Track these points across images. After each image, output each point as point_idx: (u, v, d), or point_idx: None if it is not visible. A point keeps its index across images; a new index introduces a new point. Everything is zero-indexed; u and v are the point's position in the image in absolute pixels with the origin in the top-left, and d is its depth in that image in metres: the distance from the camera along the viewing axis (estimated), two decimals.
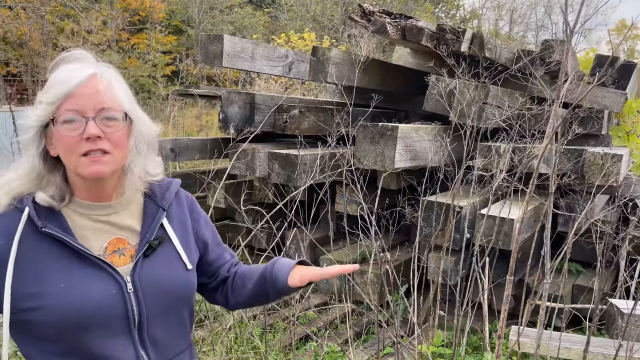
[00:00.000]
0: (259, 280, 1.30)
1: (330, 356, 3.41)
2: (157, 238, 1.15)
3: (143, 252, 1.12)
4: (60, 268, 1.04)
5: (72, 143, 1.04)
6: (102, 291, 1.05)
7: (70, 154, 1.05)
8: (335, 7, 19.07)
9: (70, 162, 1.06)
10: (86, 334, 1.03)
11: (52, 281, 1.03)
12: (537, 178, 2.29)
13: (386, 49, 15.00)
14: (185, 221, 1.25)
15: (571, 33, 2.16)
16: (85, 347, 1.04)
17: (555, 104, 2.21)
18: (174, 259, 1.18)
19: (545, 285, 2.47)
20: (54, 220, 1.06)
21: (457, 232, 3.59)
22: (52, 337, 1.03)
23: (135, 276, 1.10)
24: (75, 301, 1.02)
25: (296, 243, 4.72)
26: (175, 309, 1.17)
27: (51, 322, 1.01)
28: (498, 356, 2.63)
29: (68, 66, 1.08)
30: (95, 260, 1.07)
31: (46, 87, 1.06)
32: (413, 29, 4.38)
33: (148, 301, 1.10)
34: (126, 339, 1.08)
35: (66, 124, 1.04)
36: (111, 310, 1.05)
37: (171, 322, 1.17)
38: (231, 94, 5.12)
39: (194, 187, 5.41)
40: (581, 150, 3.89)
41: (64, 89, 1.04)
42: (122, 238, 1.13)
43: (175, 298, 1.17)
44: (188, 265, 1.19)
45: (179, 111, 11.29)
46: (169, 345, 1.16)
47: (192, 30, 19.62)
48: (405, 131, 3.79)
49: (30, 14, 13.70)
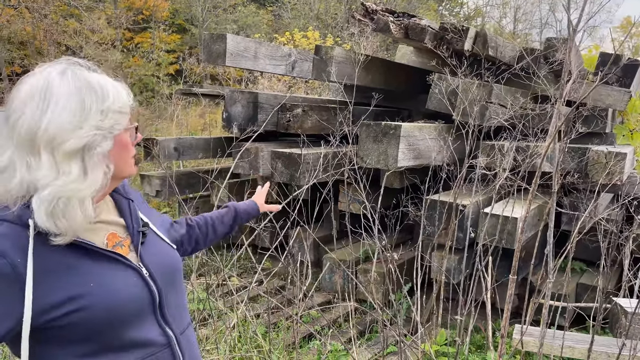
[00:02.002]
0: (232, 223, 1.73)
1: (334, 355, 3.42)
2: (143, 226, 1.24)
3: (140, 240, 1.21)
4: (80, 270, 1.06)
5: (131, 148, 1.16)
6: (127, 280, 1.12)
7: (127, 157, 1.15)
8: (339, 6, 19.06)
9: (127, 166, 1.15)
10: (121, 324, 1.08)
11: (80, 283, 1.04)
12: (540, 177, 2.28)
13: (389, 48, 14.98)
14: (147, 208, 1.36)
15: (574, 31, 2.16)
16: (118, 338, 1.08)
17: (558, 102, 2.20)
18: (160, 242, 1.30)
19: (548, 284, 2.47)
20: None
21: (461, 231, 3.58)
22: (86, 338, 1.05)
23: (145, 261, 1.18)
24: (109, 296, 1.06)
25: (299, 242, 4.73)
26: (177, 283, 1.29)
27: (90, 321, 1.04)
28: (501, 355, 2.63)
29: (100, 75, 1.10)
30: (109, 254, 1.11)
31: (109, 97, 1.06)
32: (416, 28, 4.38)
33: (160, 281, 1.19)
34: (152, 319, 1.16)
35: (130, 131, 1.14)
36: (139, 296, 1.13)
37: (177, 297, 1.27)
38: (234, 93, 5.13)
39: (197, 186, 5.42)
40: (585, 148, 3.88)
41: (125, 99, 1.12)
42: (114, 232, 1.18)
43: (175, 273, 1.28)
44: (172, 245, 1.34)
45: (182, 110, 11.31)
46: (181, 318, 1.27)
47: (196, 29, 19.64)
48: (408, 130, 3.78)
49: (35, 14, 13.73)
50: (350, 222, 3.53)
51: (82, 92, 1.03)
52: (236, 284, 4.20)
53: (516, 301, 3.90)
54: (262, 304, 4.23)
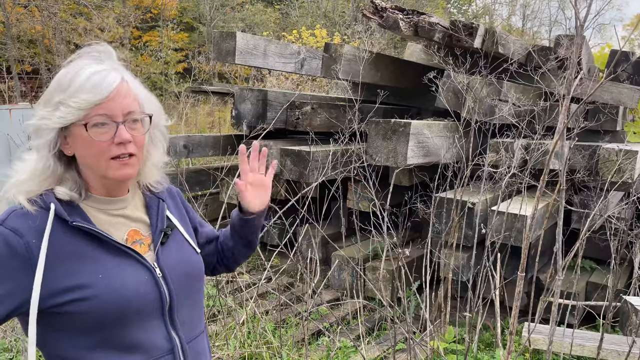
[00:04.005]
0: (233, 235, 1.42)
1: (343, 351, 3.43)
2: (168, 226, 1.22)
3: (160, 241, 1.19)
4: (93, 260, 1.07)
5: (103, 147, 1.07)
6: (137, 277, 1.10)
7: (99, 158, 1.07)
8: (347, 4, 19.03)
9: (99, 166, 1.09)
10: (124, 321, 1.07)
11: (88, 273, 1.05)
12: (548, 174, 2.28)
13: (398, 45, 14.95)
14: (181, 210, 1.33)
15: (582, 27, 2.15)
16: (122, 335, 1.08)
17: (567, 99, 2.20)
18: (184, 244, 1.26)
19: (558, 282, 2.47)
20: (77, 214, 1.09)
21: (470, 229, 3.58)
22: (90, 330, 1.06)
23: (160, 262, 1.16)
24: (115, 289, 1.06)
25: (308, 239, 4.74)
26: (194, 290, 1.25)
27: (93, 312, 1.04)
28: (510, 352, 2.63)
29: (90, 67, 1.07)
30: (125, 249, 1.11)
31: (68, 89, 1.05)
32: (425, 25, 4.37)
33: (174, 285, 1.16)
34: (159, 322, 1.13)
35: (96, 128, 1.06)
36: (147, 295, 1.10)
37: (192, 303, 1.23)
38: (244, 91, 5.15)
39: (207, 184, 5.45)
40: (595, 146, 3.86)
41: (96, 97, 1.05)
42: (136, 229, 1.18)
43: (194, 279, 1.24)
44: (197, 249, 1.28)
45: (191, 108, 11.36)
46: (192, 325, 1.23)
47: (204, 27, 19.69)
48: (417, 127, 3.78)
49: (44, 12, 13.83)
50: (359, 220, 3.54)
51: (56, 82, 1.08)
52: (245, 281, 4.23)
53: (525, 299, 3.89)
54: (271, 300, 4.25)
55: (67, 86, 1.06)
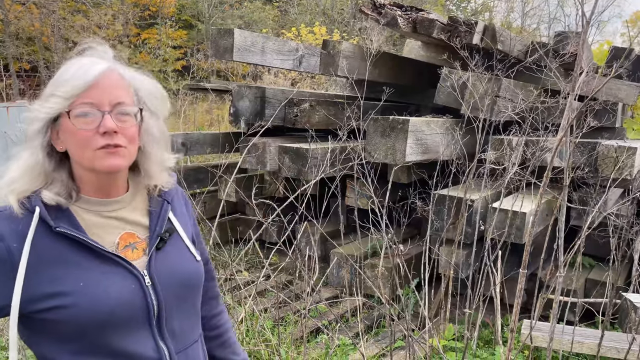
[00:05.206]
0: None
1: (342, 349, 3.42)
2: (166, 231, 1.16)
3: (155, 246, 1.13)
4: (77, 267, 1.03)
5: (88, 137, 1.02)
6: (121, 287, 1.05)
7: (84, 148, 1.03)
8: (345, 1, 19.00)
9: (84, 157, 1.04)
10: (108, 330, 1.03)
11: (71, 280, 1.02)
12: (550, 171, 2.27)
13: (397, 42, 14.92)
14: (185, 215, 1.26)
15: (587, 24, 2.14)
16: (106, 343, 1.03)
17: (571, 96, 2.18)
18: (184, 251, 1.19)
19: (559, 279, 2.46)
20: (64, 219, 1.05)
21: (469, 226, 3.57)
22: (73, 336, 1.02)
23: (151, 269, 1.10)
24: (96, 298, 1.01)
25: (307, 237, 4.73)
26: (190, 299, 1.19)
27: (73, 321, 1.00)
28: (510, 350, 2.62)
29: (82, 60, 1.06)
30: (111, 257, 1.06)
31: (59, 80, 1.04)
32: (424, 22, 4.35)
33: (165, 293, 1.10)
34: (146, 332, 1.08)
35: (81, 118, 1.02)
36: (131, 304, 1.05)
37: (186, 312, 1.17)
38: (242, 88, 5.13)
39: (205, 181, 5.43)
40: (595, 143, 3.84)
41: (80, 82, 1.02)
42: (132, 232, 1.12)
43: (189, 288, 1.18)
44: (197, 256, 1.20)
45: (189, 106, 11.33)
46: (185, 335, 1.17)
47: (202, 24, 19.64)
48: (416, 124, 3.77)
49: (42, 10, 13.80)
50: (358, 217, 3.53)
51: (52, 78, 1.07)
52: (244, 279, 4.22)
53: (524, 297, 3.88)
54: (270, 298, 4.24)
55: (58, 78, 1.05)
